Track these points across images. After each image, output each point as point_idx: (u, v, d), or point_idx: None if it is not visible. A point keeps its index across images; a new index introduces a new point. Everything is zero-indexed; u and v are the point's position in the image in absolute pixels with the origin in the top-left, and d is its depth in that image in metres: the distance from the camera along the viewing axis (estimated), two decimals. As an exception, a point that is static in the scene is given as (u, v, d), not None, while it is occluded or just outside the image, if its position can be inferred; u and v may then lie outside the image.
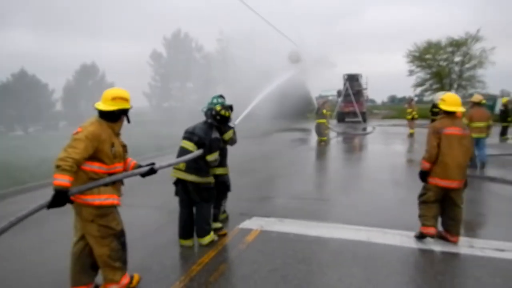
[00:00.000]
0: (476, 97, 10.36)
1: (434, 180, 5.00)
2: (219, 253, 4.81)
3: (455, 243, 4.98)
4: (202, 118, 5.27)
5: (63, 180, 3.21)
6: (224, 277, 4.18)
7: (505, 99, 19.14)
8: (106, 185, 3.60)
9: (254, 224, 5.86)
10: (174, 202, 6.00)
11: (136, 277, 4.01)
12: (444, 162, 4.89)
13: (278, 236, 5.36)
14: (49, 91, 42.89)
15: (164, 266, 4.46)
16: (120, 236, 3.73)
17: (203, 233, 5.06)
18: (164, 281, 4.07)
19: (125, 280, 3.77)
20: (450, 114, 5.02)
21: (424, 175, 5.13)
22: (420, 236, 5.10)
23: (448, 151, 4.88)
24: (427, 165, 5.04)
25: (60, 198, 3.22)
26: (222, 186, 5.50)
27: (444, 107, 5.00)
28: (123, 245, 3.77)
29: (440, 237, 5.11)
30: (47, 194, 3.27)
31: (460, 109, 5.01)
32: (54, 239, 5.43)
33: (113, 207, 3.71)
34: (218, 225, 5.55)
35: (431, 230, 5.02)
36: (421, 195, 5.20)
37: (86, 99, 41.06)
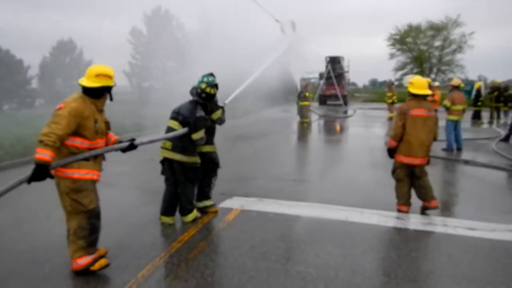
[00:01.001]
0: (456, 81, 10.70)
1: (399, 158, 5.44)
2: (199, 231, 4.84)
3: (435, 207, 5.40)
4: (184, 98, 5.23)
5: (45, 154, 3.26)
6: (203, 253, 4.22)
7: (478, 84, 19.67)
8: (86, 159, 3.61)
9: (234, 203, 5.90)
10: (155, 182, 6.00)
11: (102, 261, 3.82)
12: (408, 141, 5.30)
13: (258, 215, 5.42)
14: (24, 68, 41.48)
15: (144, 243, 4.46)
16: (91, 216, 3.69)
17: (186, 212, 5.10)
18: (144, 258, 4.08)
19: (83, 260, 3.69)
20: (417, 97, 5.36)
21: (390, 152, 5.58)
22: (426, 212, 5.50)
23: (412, 131, 5.26)
24: (393, 143, 5.46)
25: (41, 172, 3.27)
26: (210, 163, 5.46)
27: (412, 90, 5.36)
28: (92, 226, 3.72)
29: (424, 208, 5.50)
30: (23, 172, 3.23)
31: (426, 92, 5.37)
32: (30, 216, 5.35)
33: (91, 183, 3.71)
34: (209, 202, 5.56)
35: (403, 208, 5.50)
36: (392, 172, 5.65)
37: (63, 77, 39.95)
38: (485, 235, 4.74)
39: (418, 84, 5.35)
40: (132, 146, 4.02)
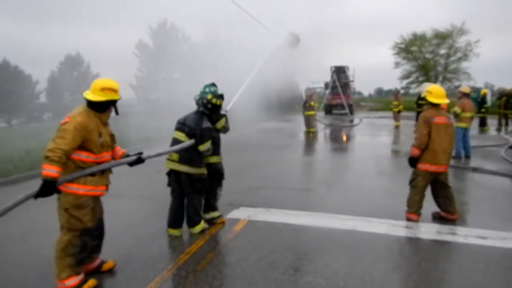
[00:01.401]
0: (466, 88, 10.71)
1: (424, 166, 5.37)
2: (207, 243, 4.83)
3: (455, 220, 5.39)
4: (190, 109, 5.25)
5: (52, 170, 3.25)
6: (211, 265, 4.20)
7: (483, 91, 19.54)
8: (93, 174, 3.59)
9: (241, 214, 5.88)
10: (162, 193, 6.00)
11: (90, 282, 3.70)
12: (433, 149, 5.26)
13: (265, 225, 5.40)
14: (32, 83, 42.09)
15: (151, 255, 4.45)
16: (84, 234, 3.64)
17: (193, 224, 5.09)
18: (151, 269, 4.07)
19: (71, 281, 3.56)
20: (435, 105, 5.36)
21: (413, 161, 5.47)
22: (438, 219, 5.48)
23: (437, 138, 5.25)
24: (416, 152, 5.38)
25: (48, 188, 3.26)
26: (216, 174, 5.45)
27: (430, 99, 5.34)
28: (83, 245, 3.65)
29: (440, 218, 5.49)
30: (32, 186, 3.25)
31: (445, 101, 5.38)
32: (36, 229, 5.37)
33: (93, 200, 3.70)
34: (216, 214, 5.54)
35: (413, 217, 5.43)
36: (411, 181, 5.55)
37: (70, 91, 40.38)
38: (496, 244, 4.67)
39: (436, 93, 5.36)
40: (139, 160, 4.03)
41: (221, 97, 5.18)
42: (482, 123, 18.14)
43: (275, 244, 4.70)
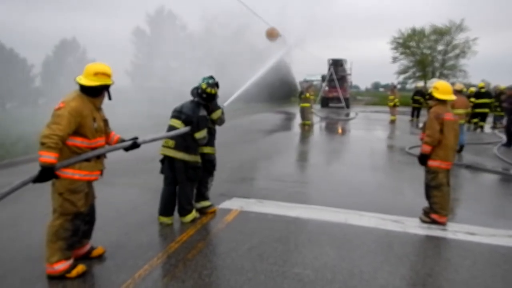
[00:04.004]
0: (458, 86, 10.89)
1: (436, 163, 5.22)
2: (198, 232, 4.84)
3: (445, 223, 5.21)
4: (185, 98, 5.28)
5: (49, 157, 3.27)
6: (201, 254, 4.21)
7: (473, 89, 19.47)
8: (88, 160, 3.60)
9: (233, 204, 5.89)
10: (153, 182, 6.01)
11: (79, 267, 3.71)
12: (446, 145, 5.16)
13: (257, 216, 5.41)
14: (27, 66, 41.57)
15: (141, 243, 4.45)
16: (77, 218, 3.66)
17: (185, 213, 5.11)
18: (141, 257, 4.07)
19: (60, 266, 3.59)
20: (443, 101, 5.23)
21: (424, 158, 5.30)
22: (429, 222, 5.24)
23: (448, 135, 5.13)
24: (428, 149, 5.21)
25: (46, 174, 3.30)
26: (208, 164, 5.48)
27: (437, 95, 5.22)
28: (76, 228, 3.67)
29: (431, 219, 5.26)
30: (24, 171, 3.23)
31: (452, 97, 5.26)
32: (27, 215, 5.35)
33: (87, 184, 3.72)
34: (207, 203, 5.57)
35: (444, 220, 5.22)
36: (431, 180, 5.29)
37: (66, 76, 39.96)
38: (485, 240, 4.72)
39: (443, 89, 5.24)
40: (135, 145, 4.05)
41: (216, 85, 5.21)
42: (482, 119, 17.78)
43: (266, 235, 4.72)
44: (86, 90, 3.63)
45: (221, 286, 3.62)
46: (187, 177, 5.02)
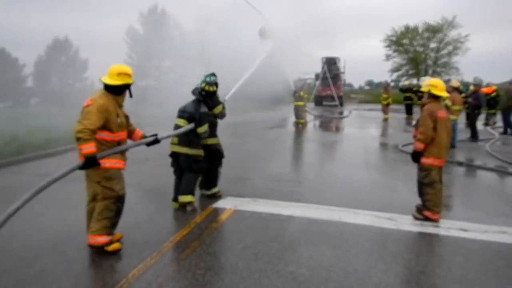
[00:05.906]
0: (455, 83, 11.12)
1: (429, 160, 5.25)
2: (191, 231, 4.83)
3: (437, 220, 5.24)
4: (181, 98, 5.83)
5: (89, 148, 3.74)
6: (195, 254, 4.20)
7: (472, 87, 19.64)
8: (122, 152, 4.21)
9: (228, 203, 5.89)
10: (148, 182, 5.99)
11: (116, 245, 4.17)
12: (439, 143, 5.19)
13: (251, 215, 5.41)
14: (19, 66, 41.14)
15: (136, 243, 4.44)
16: (118, 201, 4.13)
17: (183, 193, 5.51)
18: (136, 257, 4.06)
19: (102, 239, 4.04)
20: (437, 99, 5.30)
21: (417, 156, 5.32)
22: (422, 219, 5.27)
23: (441, 132, 5.17)
24: (421, 146, 5.23)
25: (91, 162, 3.79)
26: (215, 153, 6.05)
27: (436, 92, 5.26)
28: (117, 210, 4.15)
29: (424, 216, 5.29)
30: (16, 172, 3.21)
31: (446, 94, 5.43)
32: (22, 215, 5.30)
33: (119, 171, 4.21)
34: (217, 189, 6.21)
35: (437, 217, 5.25)
36: (424, 177, 5.31)
37: (58, 75, 39.66)
38: (477, 237, 4.75)
39: (440, 86, 5.31)
40: (155, 141, 4.63)
41: (215, 84, 5.68)
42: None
43: (260, 234, 4.72)
44: (110, 89, 4.09)
45: (216, 285, 3.62)
46: (191, 169, 5.50)
